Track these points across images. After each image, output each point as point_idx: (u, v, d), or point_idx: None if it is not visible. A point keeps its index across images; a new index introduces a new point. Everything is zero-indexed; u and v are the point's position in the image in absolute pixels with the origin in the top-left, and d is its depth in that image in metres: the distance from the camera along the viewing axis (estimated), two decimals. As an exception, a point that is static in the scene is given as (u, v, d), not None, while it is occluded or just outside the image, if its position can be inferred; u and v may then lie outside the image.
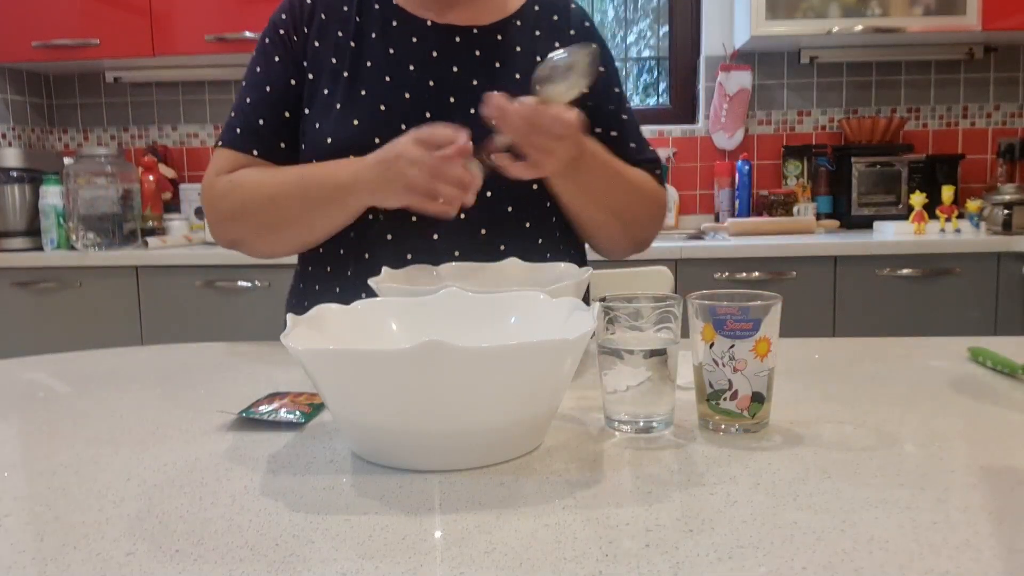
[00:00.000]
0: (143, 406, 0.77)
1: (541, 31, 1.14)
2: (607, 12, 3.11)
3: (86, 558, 0.45)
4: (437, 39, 1.09)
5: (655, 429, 0.65)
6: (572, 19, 1.17)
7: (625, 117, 1.19)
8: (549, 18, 1.15)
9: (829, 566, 0.42)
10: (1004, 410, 0.70)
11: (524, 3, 1.14)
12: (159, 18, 2.65)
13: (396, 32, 1.08)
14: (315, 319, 0.67)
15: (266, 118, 1.08)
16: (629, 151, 1.16)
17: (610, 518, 0.48)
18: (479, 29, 1.10)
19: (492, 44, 1.10)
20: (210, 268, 2.40)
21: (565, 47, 0.91)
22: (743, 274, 2.34)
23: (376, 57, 1.07)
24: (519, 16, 1.13)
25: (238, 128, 1.08)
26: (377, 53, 1.07)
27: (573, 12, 1.17)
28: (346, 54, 1.07)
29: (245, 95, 1.10)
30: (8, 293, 2.47)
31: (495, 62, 1.10)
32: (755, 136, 2.97)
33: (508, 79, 1.09)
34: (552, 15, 1.15)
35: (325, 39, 1.08)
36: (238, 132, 1.08)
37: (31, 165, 2.63)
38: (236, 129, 1.08)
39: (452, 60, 1.08)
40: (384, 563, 0.43)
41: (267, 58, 1.10)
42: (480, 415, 0.55)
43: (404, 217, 1.03)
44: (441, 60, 1.08)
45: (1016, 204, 2.37)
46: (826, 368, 0.86)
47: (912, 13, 2.56)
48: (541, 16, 1.15)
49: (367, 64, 1.06)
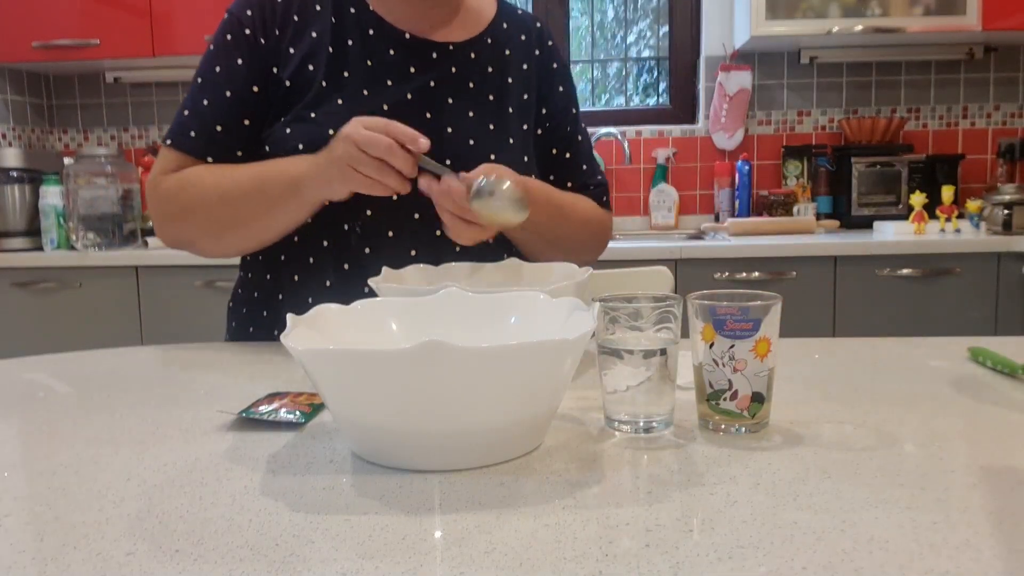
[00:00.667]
0: (143, 406, 0.77)
1: (511, 50, 1.15)
2: (607, 12, 3.11)
3: (86, 558, 0.45)
4: (415, 53, 1.08)
5: (655, 429, 0.65)
6: (538, 39, 1.19)
7: (580, 139, 1.22)
8: (518, 37, 1.16)
9: (829, 566, 0.42)
10: (1004, 410, 0.70)
11: (492, 20, 1.15)
12: (159, 18, 2.65)
13: (373, 41, 1.06)
14: (315, 319, 0.67)
15: (224, 124, 1.04)
16: (581, 173, 1.20)
17: (610, 518, 0.48)
18: (454, 46, 1.10)
19: (466, 62, 1.11)
20: (210, 268, 2.40)
21: (500, 176, 0.89)
22: (743, 274, 2.34)
23: (354, 68, 1.04)
24: (489, 34, 1.14)
25: (193, 132, 1.03)
26: (355, 63, 1.05)
27: (539, 32, 1.19)
28: (322, 60, 1.03)
29: (201, 95, 1.04)
30: (8, 293, 2.48)
31: (469, 81, 1.10)
32: (755, 136, 2.97)
33: (482, 99, 1.10)
34: (520, 34, 1.17)
35: (300, 44, 1.04)
36: (192, 136, 1.03)
37: (31, 165, 2.63)
38: (191, 132, 1.03)
39: (429, 75, 1.08)
40: (384, 563, 0.43)
41: (228, 57, 1.04)
42: (480, 415, 0.55)
43: (342, 225, 1.04)
44: (418, 75, 1.07)
45: (1016, 204, 2.37)
46: (826, 368, 0.86)
47: (912, 13, 2.56)
48: (511, 35, 1.16)
49: (344, 74, 1.04)
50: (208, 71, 1.05)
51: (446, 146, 1.05)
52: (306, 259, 1.07)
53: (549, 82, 1.18)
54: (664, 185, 2.95)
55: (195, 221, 1.03)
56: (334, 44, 1.04)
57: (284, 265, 1.08)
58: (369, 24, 1.06)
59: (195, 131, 1.03)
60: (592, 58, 3.13)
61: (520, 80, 1.14)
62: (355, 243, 1.04)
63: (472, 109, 1.09)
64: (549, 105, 1.18)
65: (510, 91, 1.13)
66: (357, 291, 0.97)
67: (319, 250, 1.06)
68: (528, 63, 1.16)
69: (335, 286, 1.04)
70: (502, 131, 1.11)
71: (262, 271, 1.11)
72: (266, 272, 1.10)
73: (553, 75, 1.19)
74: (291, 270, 1.08)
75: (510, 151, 1.11)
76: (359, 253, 1.04)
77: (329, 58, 1.03)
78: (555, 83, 1.19)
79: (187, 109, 1.05)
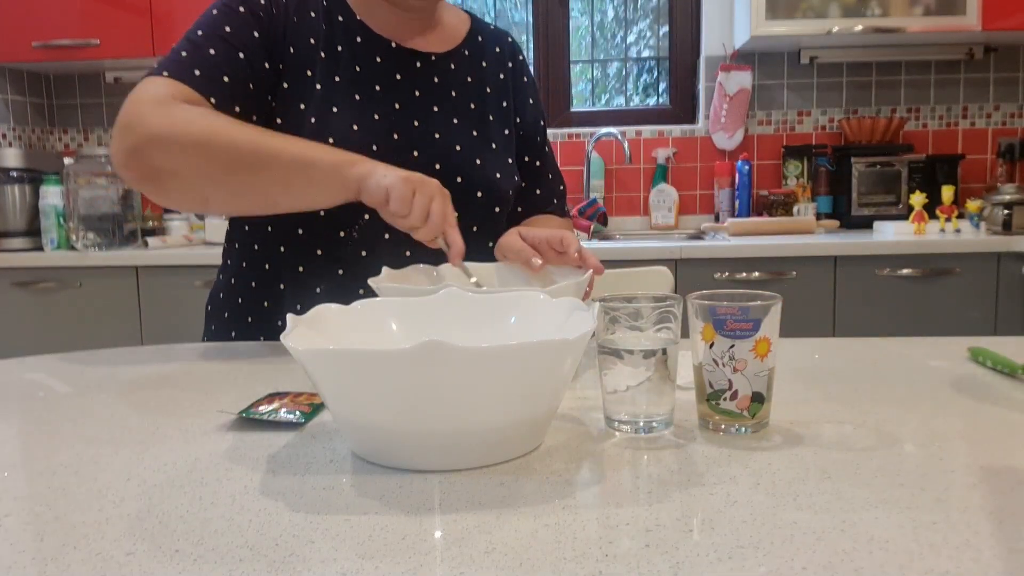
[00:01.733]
0: (143, 406, 0.77)
1: (487, 62, 1.18)
2: (607, 12, 3.11)
3: (86, 558, 0.45)
4: (400, 62, 1.09)
5: (655, 429, 0.65)
6: (511, 52, 1.23)
7: (547, 149, 1.28)
8: (493, 49, 1.20)
9: (829, 566, 0.42)
10: (1004, 410, 0.70)
11: (467, 34, 1.18)
12: (159, 18, 2.65)
13: (361, 49, 1.07)
14: (315, 319, 0.67)
15: (233, 78, 0.96)
16: (548, 181, 1.27)
17: (610, 518, 0.48)
18: (436, 56, 1.13)
19: (448, 72, 1.13)
20: (210, 268, 2.40)
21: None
22: (743, 274, 2.34)
23: (344, 73, 1.05)
24: (467, 46, 1.17)
25: (196, 70, 0.94)
26: (345, 69, 1.05)
27: (511, 46, 1.24)
28: (317, 65, 1.04)
29: (206, 45, 0.96)
30: (8, 293, 2.47)
31: (451, 91, 1.13)
32: (755, 136, 2.97)
33: (464, 107, 1.13)
34: (495, 46, 1.21)
35: (299, 45, 1.03)
36: (197, 74, 0.94)
37: (31, 165, 2.63)
38: (195, 71, 0.94)
39: (414, 84, 1.10)
40: (384, 563, 0.43)
41: (243, 26, 0.99)
42: (480, 415, 0.55)
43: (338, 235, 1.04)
44: (404, 83, 1.09)
45: (1016, 204, 2.37)
46: (826, 368, 0.86)
47: (912, 13, 2.56)
48: (486, 47, 1.19)
49: (335, 79, 1.04)
50: (212, 26, 0.98)
51: (435, 152, 1.08)
52: (295, 268, 1.07)
53: (522, 94, 1.23)
54: (664, 185, 2.95)
55: (203, 157, 0.90)
56: (326, 50, 1.05)
57: (270, 273, 1.08)
58: (356, 32, 1.08)
59: (198, 69, 0.95)
60: (592, 58, 3.13)
61: (497, 89, 1.18)
62: (351, 248, 1.05)
63: (456, 117, 1.12)
64: (522, 115, 1.22)
65: (489, 100, 1.17)
66: (353, 296, 0.98)
67: (312, 259, 1.06)
68: (503, 73, 1.20)
69: (327, 293, 1.05)
70: (485, 138, 1.14)
71: (247, 278, 1.11)
72: (251, 280, 1.11)
73: (525, 88, 1.24)
74: (280, 278, 1.08)
75: (494, 156, 1.14)
76: (356, 257, 1.05)
77: (322, 64, 1.04)
78: (527, 95, 1.24)
79: (184, 51, 0.96)
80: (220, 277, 1.16)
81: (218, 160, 0.90)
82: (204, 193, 0.94)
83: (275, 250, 1.08)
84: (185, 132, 0.89)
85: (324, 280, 1.06)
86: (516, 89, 1.22)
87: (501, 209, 1.15)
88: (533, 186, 1.25)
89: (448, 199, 0.91)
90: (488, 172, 1.12)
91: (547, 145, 1.28)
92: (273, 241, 1.08)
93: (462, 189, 1.08)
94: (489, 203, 1.13)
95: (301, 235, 1.05)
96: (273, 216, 1.06)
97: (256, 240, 1.10)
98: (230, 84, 0.96)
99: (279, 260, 1.08)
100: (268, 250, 1.08)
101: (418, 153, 1.07)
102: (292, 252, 1.07)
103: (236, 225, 1.14)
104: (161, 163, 0.90)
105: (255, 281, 1.10)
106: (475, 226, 1.11)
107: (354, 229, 1.05)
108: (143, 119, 0.90)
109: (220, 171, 0.91)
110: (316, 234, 1.05)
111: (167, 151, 0.90)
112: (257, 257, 1.09)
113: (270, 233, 1.08)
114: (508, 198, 1.16)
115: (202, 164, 0.90)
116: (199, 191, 0.93)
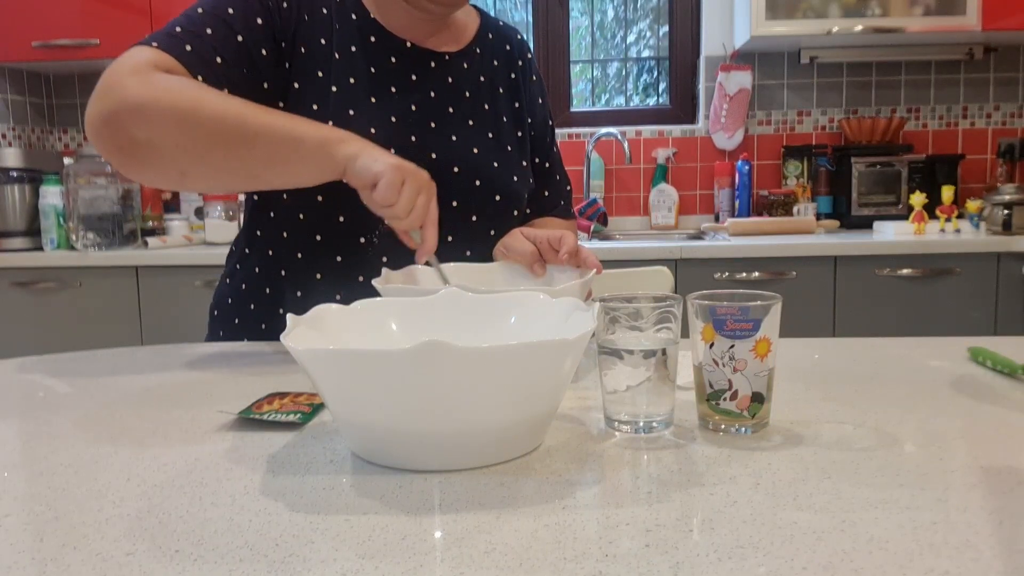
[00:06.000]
0: (143, 406, 0.77)
1: (498, 61, 1.17)
2: (607, 12, 3.11)
3: (86, 558, 0.45)
4: (415, 62, 1.08)
5: (655, 429, 0.65)
6: (519, 50, 1.22)
7: (555, 150, 1.28)
8: (503, 47, 1.19)
9: (829, 566, 0.42)
10: (1004, 410, 0.70)
11: (478, 32, 1.16)
12: (159, 18, 2.65)
13: (375, 49, 1.05)
14: (315, 319, 0.67)
15: (225, 60, 0.93)
16: (555, 182, 1.26)
17: (610, 518, 0.48)
18: (449, 56, 1.11)
19: (461, 72, 1.12)
20: (210, 268, 2.40)
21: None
22: (743, 274, 2.34)
23: (359, 74, 1.03)
24: (478, 44, 1.15)
25: (188, 45, 0.91)
26: (359, 70, 1.03)
27: (520, 43, 1.22)
28: (330, 66, 1.02)
29: (203, 23, 0.93)
30: (8, 293, 2.47)
31: (465, 91, 1.11)
32: (755, 136, 2.97)
33: (478, 108, 1.12)
34: (505, 44, 1.19)
35: (310, 46, 1.01)
36: (188, 49, 0.91)
37: (31, 165, 2.63)
38: (186, 46, 0.91)
39: (429, 85, 1.08)
40: (384, 563, 0.43)
41: (247, 9, 0.96)
42: (480, 415, 0.55)
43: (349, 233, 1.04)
44: (420, 84, 1.07)
45: (1016, 204, 2.37)
46: (826, 368, 0.86)
47: (912, 13, 2.56)
48: (496, 45, 1.18)
49: (350, 80, 1.02)
50: (216, 8, 0.95)
51: (453, 155, 1.06)
52: (313, 275, 1.05)
53: (531, 93, 1.22)
54: (664, 185, 2.95)
55: (184, 128, 0.85)
56: (339, 50, 1.03)
57: (286, 280, 1.07)
58: (370, 31, 1.06)
59: (190, 45, 0.91)
60: (592, 58, 3.13)
61: (509, 89, 1.17)
62: (371, 255, 1.04)
63: (471, 119, 1.11)
64: (532, 115, 1.21)
65: (502, 100, 1.15)
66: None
67: (331, 266, 1.04)
68: (514, 72, 1.19)
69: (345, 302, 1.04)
70: (499, 139, 1.13)
71: (260, 284, 1.09)
72: (264, 286, 1.09)
73: (534, 87, 1.23)
74: (297, 286, 1.06)
75: (510, 158, 1.13)
76: (376, 264, 1.02)
77: (336, 65, 1.02)
78: (535, 94, 1.23)
79: (179, 27, 0.93)
80: (228, 282, 1.14)
81: (200, 132, 0.85)
82: (182, 166, 0.88)
83: (292, 257, 1.06)
84: (166, 101, 0.84)
85: (343, 288, 1.04)
86: (526, 89, 1.20)
87: (518, 212, 1.14)
88: (542, 188, 1.24)
89: (435, 193, 0.89)
90: (505, 175, 1.11)
91: (555, 146, 1.27)
92: (289, 248, 1.06)
93: (481, 192, 1.07)
94: (507, 206, 1.11)
95: (319, 241, 1.04)
96: (289, 223, 1.05)
97: (271, 246, 1.08)
98: (222, 66, 0.93)
99: (295, 267, 1.06)
100: (283, 257, 1.06)
101: (436, 156, 1.05)
102: (309, 259, 1.05)
103: (248, 230, 1.12)
104: (137, 132, 0.85)
105: (269, 287, 1.08)
106: (492, 229, 1.10)
107: (374, 236, 1.03)
108: (122, 85, 0.85)
109: (202, 143, 0.86)
110: (335, 241, 1.04)
111: (145, 120, 0.84)
112: (271, 263, 1.07)
113: (286, 239, 1.06)
114: (524, 201, 1.15)
115: (182, 135, 0.85)
116: (177, 164, 0.88)
